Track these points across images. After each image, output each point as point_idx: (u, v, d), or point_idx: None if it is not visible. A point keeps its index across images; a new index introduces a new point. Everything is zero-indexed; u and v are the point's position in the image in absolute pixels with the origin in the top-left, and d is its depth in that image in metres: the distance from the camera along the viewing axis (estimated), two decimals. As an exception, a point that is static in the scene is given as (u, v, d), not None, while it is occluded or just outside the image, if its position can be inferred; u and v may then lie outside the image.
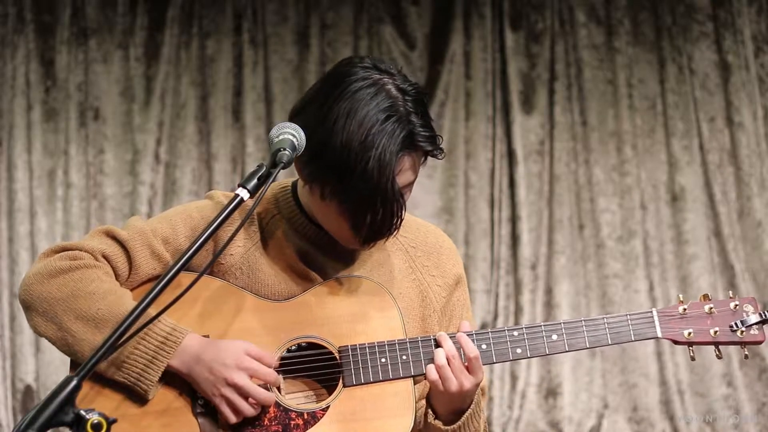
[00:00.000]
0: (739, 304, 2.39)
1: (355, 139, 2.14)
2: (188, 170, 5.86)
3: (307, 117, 2.22)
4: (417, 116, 2.20)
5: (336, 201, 2.21)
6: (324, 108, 2.18)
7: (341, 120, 2.16)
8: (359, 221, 2.21)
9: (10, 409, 5.61)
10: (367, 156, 2.14)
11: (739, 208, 5.93)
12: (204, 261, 2.31)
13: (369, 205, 2.18)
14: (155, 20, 5.89)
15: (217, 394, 2.24)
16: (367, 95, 2.17)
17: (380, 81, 2.20)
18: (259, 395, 2.25)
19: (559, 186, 5.95)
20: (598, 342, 2.35)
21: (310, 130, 2.19)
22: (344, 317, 2.34)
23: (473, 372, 2.30)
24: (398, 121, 2.17)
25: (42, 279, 2.28)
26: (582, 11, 6.00)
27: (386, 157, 2.15)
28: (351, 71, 2.22)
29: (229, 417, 2.25)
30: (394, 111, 2.17)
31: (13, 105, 5.79)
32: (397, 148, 2.16)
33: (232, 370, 2.23)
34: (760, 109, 5.96)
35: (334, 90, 2.20)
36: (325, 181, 2.20)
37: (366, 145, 2.14)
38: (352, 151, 2.14)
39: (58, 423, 1.78)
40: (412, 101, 2.20)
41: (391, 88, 2.20)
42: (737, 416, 5.76)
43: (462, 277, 2.53)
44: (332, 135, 2.16)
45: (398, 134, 2.16)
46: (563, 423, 5.77)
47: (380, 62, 2.25)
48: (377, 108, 2.16)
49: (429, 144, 2.21)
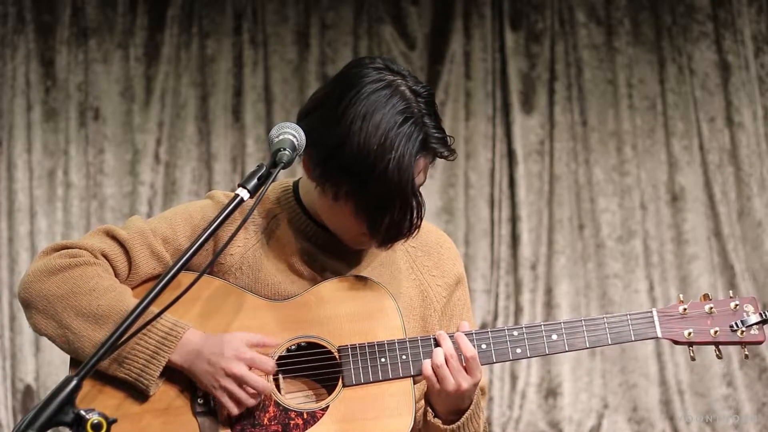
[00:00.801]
0: (739, 304, 2.38)
1: (374, 141, 2.16)
2: (188, 170, 5.86)
3: (320, 118, 2.22)
4: (430, 118, 2.22)
5: (352, 202, 2.22)
6: (338, 109, 2.19)
7: (357, 122, 2.16)
8: (377, 222, 2.22)
9: (10, 409, 5.61)
10: (387, 158, 2.15)
11: (739, 208, 5.93)
12: (204, 261, 2.31)
13: (388, 207, 2.20)
14: (155, 20, 5.89)
15: (216, 385, 2.25)
16: (382, 97, 2.18)
17: (394, 82, 2.21)
18: (257, 384, 2.25)
19: (559, 186, 5.95)
20: (598, 342, 2.35)
21: (323, 131, 2.20)
22: (344, 317, 2.34)
23: (471, 372, 2.29)
24: (414, 124, 2.19)
25: (41, 277, 2.28)
26: (582, 11, 6.00)
27: (406, 160, 2.16)
28: (364, 72, 2.23)
29: (230, 408, 2.25)
30: (410, 114, 2.19)
31: (13, 105, 5.79)
32: (415, 151, 2.18)
33: (230, 361, 2.24)
34: (760, 109, 5.96)
35: (348, 92, 2.20)
36: (341, 182, 2.21)
37: (385, 147, 2.15)
38: (370, 154, 2.15)
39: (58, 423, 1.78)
40: (424, 103, 2.22)
41: (404, 90, 2.21)
42: (737, 416, 5.76)
43: (462, 276, 2.54)
44: (349, 137, 2.16)
45: (416, 137, 2.18)
46: (563, 423, 5.77)
47: (391, 63, 2.26)
48: (393, 110, 2.18)
49: (442, 146, 2.23)
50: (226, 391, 2.25)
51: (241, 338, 2.27)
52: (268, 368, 2.28)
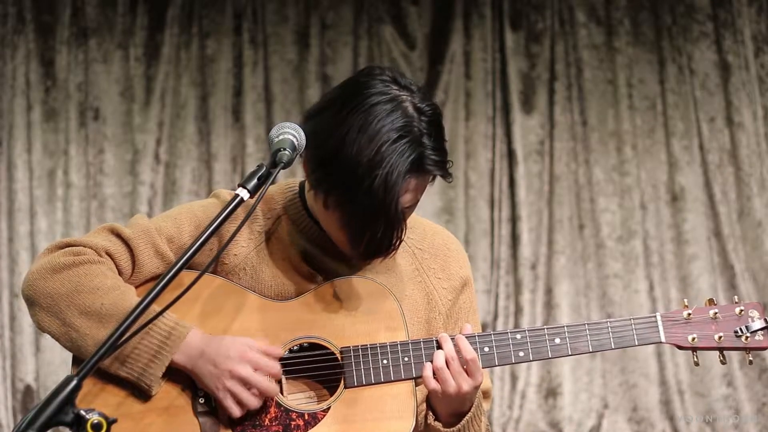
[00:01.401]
0: (744, 310, 2.36)
1: (365, 154, 2.13)
2: (188, 170, 5.86)
3: (322, 122, 2.21)
4: (430, 138, 2.17)
5: (338, 212, 2.21)
6: (339, 116, 2.17)
7: (353, 132, 2.14)
8: (358, 237, 2.21)
9: (10, 409, 5.61)
10: (374, 174, 2.13)
11: (739, 208, 5.93)
12: (206, 260, 2.30)
13: (370, 223, 2.17)
14: (155, 20, 5.89)
15: (221, 387, 2.24)
16: (383, 111, 2.15)
17: (398, 97, 2.18)
18: (263, 386, 2.25)
19: (559, 186, 5.95)
20: (601, 346, 2.34)
21: (323, 136, 2.19)
22: (347, 318, 2.33)
23: (472, 374, 2.29)
24: (410, 142, 2.15)
25: (45, 274, 2.28)
26: (582, 11, 6.00)
27: (393, 178, 2.13)
28: (370, 83, 2.20)
29: (233, 410, 2.25)
30: (408, 131, 2.15)
31: (13, 105, 5.79)
32: (405, 170, 2.14)
33: (235, 362, 2.23)
34: (760, 109, 5.96)
35: (351, 100, 2.18)
36: (330, 190, 2.20)
37: (374, 162, 2.13)
38: (360, 166, 2.13)
39: (58, 423, 1.78)
40: (427, 122, 2.18)
41: (408, 106, 2.17)
42: (737, 416, 5.76)
43: (469, 279, 2.52)
44: (343, 145, 2.15)
45: (408, 156, 2.14)
46: (563, 423, 5.77)
47: (401, 76, 2.23)
48: (391, 126, 2.14)
49: (437, 168, 2.19)
50: (229, 393, 2.24)
51: (244, 341, 2.26)
52: (273, 371, 2.27)
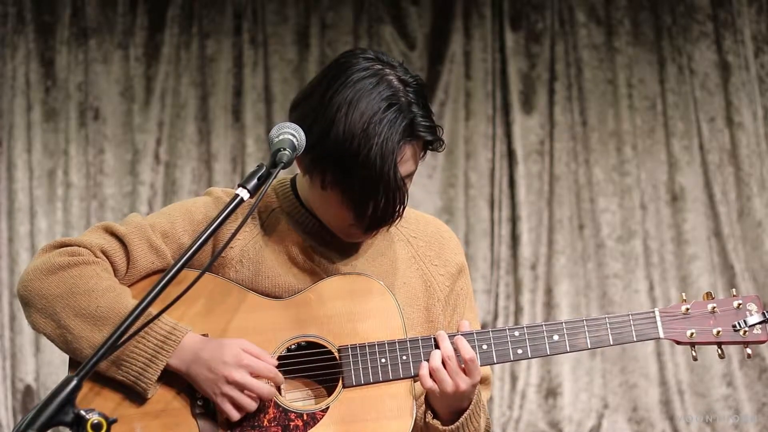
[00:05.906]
0: (742, 303, 2.35)
1: (357, 127, 2.16)
2: (188, 170, 5.86)
3: (309, 107, 2.23)
4: (418, 106, 2.22)
5: (338, 189, 2.22)
6: (326, 97, 2.20)
7: (343, 108, 2.17)
8: (362, 209, 2.22)
9: (10, 409, 5.61)
10: (369, 144, 2.16)
11: (739, 208, 5.93)
12: (205, 259, 2.30)
13: (372, 193, 2.20)
14: (155, 20, 5.89)
15: (218, 392, 2.24)
16: (368, 85, 2.20)
17: (382, 71, 2.22)
18: (261, 390, 2.24)
19: (559, 186, 5.95)
20: (600, 343, 2.33)
21: (311, 119, 2.20)
22: (344, 316, 2.33)
23: (470, 374, 2.29)
24: (399, 110, 2.19)
25: (41, 275, 2.28)
26: (582, 11, 6.00)
27: (388, 145, 2.17)
28: (353, 61, 2.25)
29: (231, 414, 2.24)
30: (396, 100, 2.19)
31: (13, 105, 5.79)
32: (398, 137, 2.18)
33: (231, 368, 2.23)
34: (760, 109, 5.96)
35: (335, 80, 2.22)
36: (326, 169, 2.21)
37: (368, 134, 2.16)
38: (354, 140, 2.16)
39: (58, 423, 1.78)
40: (413, 92, 2.23)
41: (392, 79, 2.22)
42: (737, 416, 5.76)
43: (464, 265, 2.55)
44: (334, 123, 2.17)
45: (399, 123, 2.18)
46: (563, 423, 5.77)
47: (382, 54, 2.28)
48: (379, 97, 2.19)
49: (429, 133, 2.24)
50: (227, 397, 2.24)
51: (239, 344, 2.26)
52: (270, 375, 2.26)
